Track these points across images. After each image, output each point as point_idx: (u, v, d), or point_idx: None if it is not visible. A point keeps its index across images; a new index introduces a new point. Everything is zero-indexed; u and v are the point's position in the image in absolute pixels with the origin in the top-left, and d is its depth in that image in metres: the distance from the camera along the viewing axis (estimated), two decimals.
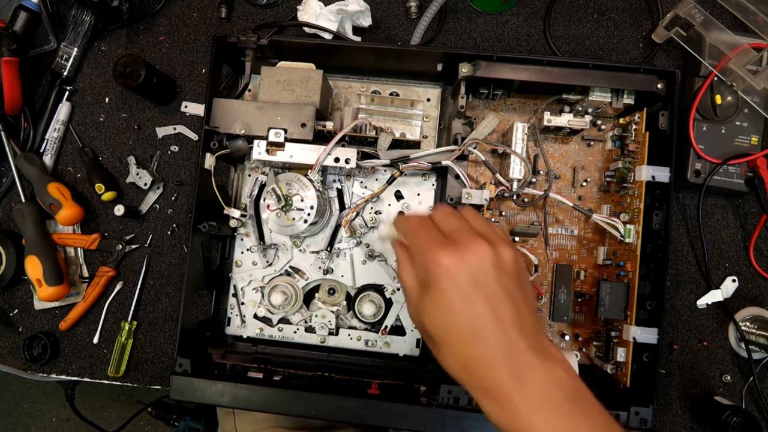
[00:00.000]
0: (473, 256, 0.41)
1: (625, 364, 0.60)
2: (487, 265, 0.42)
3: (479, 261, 0.41)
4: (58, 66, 0.74)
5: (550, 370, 0.40)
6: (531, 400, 0.39)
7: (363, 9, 0.71)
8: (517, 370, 0.40)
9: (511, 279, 0.42)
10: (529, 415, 0.39)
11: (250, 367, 0.65)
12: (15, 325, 0.74)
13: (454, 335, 0.41)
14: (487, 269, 0.41)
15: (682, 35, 0.68)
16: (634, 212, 0.62)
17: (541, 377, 0.40)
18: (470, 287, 0.41)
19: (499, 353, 0.40)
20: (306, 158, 0.60)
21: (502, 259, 0.42)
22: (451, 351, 0.42)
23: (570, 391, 0.40)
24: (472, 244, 0.42)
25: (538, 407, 0.39)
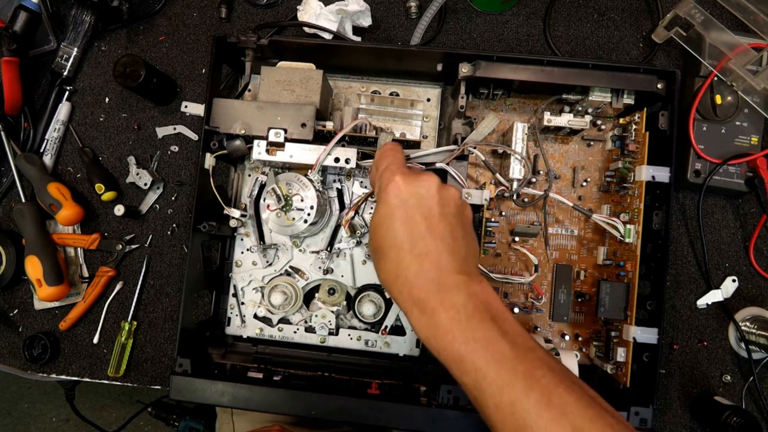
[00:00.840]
0: (423, 184, 0.47)
1: (625, 364, 0.60)
2: (433, 192, 0.46)
3: (427, 188, 0.46)
4: (58, 66, 0.74)
5: (472, 289, 0.44)
6: (452, 309, 0.43)
7: (363, 9, 0.71)
8: (443, 281, 0.44)
9: (451, 211, 0.47)
10: (449, 323, 0.42)
11: (250, 367, 0.65)
12: (15, 325, 0.74)
13: (392, 242, 0.45)
14: (432, 194, 0.46)
15: (682, 35, 0.68)
16: (634, 212, 0.62)
17: (465, 293, 0.43)
18: (414, 204, 0.46)
19: (428, 265, 0.44)
20: (306, 158, 0.60)
21: (448, 194, 0.48)
22: (387, 260, 0.46)
23: (491, 309, 0.43)
24: (424, 174, 0.48)
25: (458, 318, 0.42)
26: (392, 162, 0.49)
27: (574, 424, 0.38)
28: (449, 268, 0.44)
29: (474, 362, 0.41)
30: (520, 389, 0.40)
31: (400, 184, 0.46)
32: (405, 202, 0.46)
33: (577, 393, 0.40)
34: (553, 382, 0.40)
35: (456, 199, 0.48)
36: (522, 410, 0.39)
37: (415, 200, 0.46)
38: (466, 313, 0.43)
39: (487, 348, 0.42)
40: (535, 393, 0.40)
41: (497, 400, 0.40)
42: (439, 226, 0.46)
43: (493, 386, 0.41)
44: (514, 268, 0.68)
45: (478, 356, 0.41)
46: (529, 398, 0.39)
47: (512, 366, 0.41)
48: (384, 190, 0.47)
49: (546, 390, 0.40)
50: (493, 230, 0.68)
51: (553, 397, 0.39)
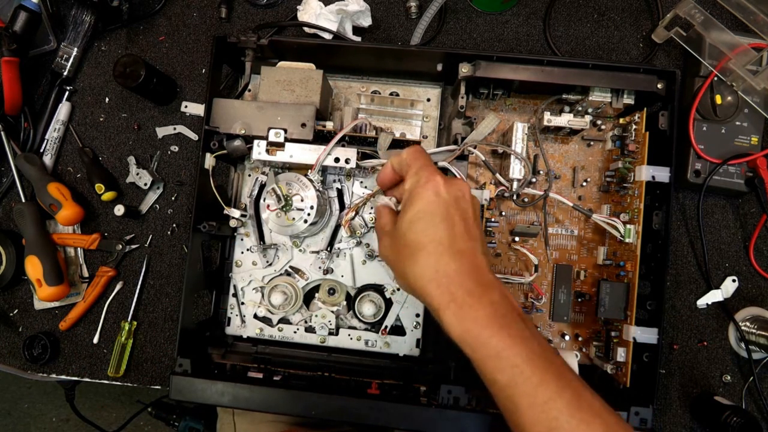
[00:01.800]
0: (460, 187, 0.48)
1: (625, 364, 0.60)
2: (468, 196, 0.49)
3: (462, 189, 0.48)
4: (58, 66, 0.74)
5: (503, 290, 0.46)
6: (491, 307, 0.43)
7: (363, 9, 0.71)
8: (481, 279, 0.45)
9: (478, 217, 0.50)
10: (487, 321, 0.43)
11: (250, 367, 0.65)
12: (15, 325, 0.74)
13: (432, 237, 0.46)
14: (468, 199, 0.48)
15: (682, 35, 0.68)
16: (634, 212, 0.62)
17: (499, 291, 0.45)
18: (453, 203, 0.47)
19: (467, 263, 0.45)
20: (306, 158, 0.60)
21: (476, 201, 0.50)
22: (426, 253, 0.46)
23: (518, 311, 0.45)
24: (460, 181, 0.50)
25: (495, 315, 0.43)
26: (428, 163, 0.50)
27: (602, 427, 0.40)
28: (484, 267, 0.46)
29: (511, 359, 0.42)
30: (554, 389, 0.41)
31: (441, 183, 0.47)
32: (445, 201, 0.47)
33: (599, 399, 0.42)
34: (581, 385, 0.42)
35: (478, 206, 0.51)
36: (555, 410, 0.40)
37: (454, 200, 0.47)
38: (502, 311, 0.44)
39: (523, 345, 0.42)
40: (567, 393, 0.41)
41: (532, 398, 0.41)
42: (474, 228, 0.48)
43: (528, 383, 0.41)
44: (514, 268, 0.68)
45: (515, 352, 0.42)
46: (562, 398, 0.40)
47: (545, 365, 0.42)
48: (424, 187, 0.47)
49: (577, 391, 0.41)
50: (493, 230, 0.68)
51: (582, 399, 0.41)
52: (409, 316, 0.67)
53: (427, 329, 0.67)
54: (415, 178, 0.49)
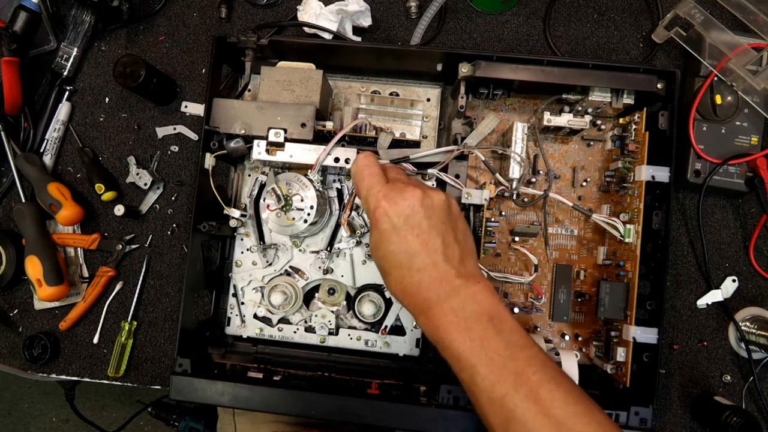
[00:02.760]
0: (407, 202, 0.49)
1: (625, 364, 0.60)
2: (417, 206, 0.48)
3: (410, 203, 0.48)
4: (58, 66, 0.74)
5: (470, 291, 0.47)
6: (450, 313, 0.46)
7: (363, 9, 0.71)
8: (442, 290, 0.47)
9: (439, 218, 0.49)
10: (448, 325, 0.46)
11: (250, 367, 0.65)
12: (15, 325, 0.74)
13: (392, 264, 0.49)
14: (418, 210, 0.48)
15: (682, 35, 0.68)
16: (633, 212, 0.62)
17: (462, 297, 0.47)
18: (403, 224, 0.48)
19: (427, 277, 0.47)
20: (306, 158, 0.60)
21: (431, 201, 0.49)
22: (392, 277, 0.49)
23: (489, 310, 0.47)
24: (405, 189, 0.49)
25: (456, 321, 0.46)
26: (371, 183, 0.51)
27: (558, 417, 0.42)
28: (447, 275, 0.48)
29: (469, 360, 0.45)
30: (511, 385, 0.44)
31: (386, 208, 0.49)
32: (395, 225, 0.48)
33: (565, 389, 0.44)
34: (543, 378, 0.44)
35: (440, 204, 0.50)
36: (511, 404, 0.43)
37: (403, 220, 0.48)
38: (464, 315, 0.46)
39: (482, 347, 0.45)
40: (524, 388, 0.43)
41: (489, 393, 0.44)
42: (431, 239, 0.48)
43: (485, 382, 0.44)
44: (514, 268, 0.68)
45: (473, 354, 0.45)
46: (518, 393, 0.43)
47: (504, 364, 0.44)
48: (373, 216, 0.50)
49: (535, 386, 0.43)
50: (493, 230, 0.68)
51: (541, 392, 0.43)
52: (408, 316, 0.67)
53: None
54: (366, 205, 0.51)
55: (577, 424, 0.42)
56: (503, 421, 0.44)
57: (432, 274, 0.47)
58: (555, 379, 0.44)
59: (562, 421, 0.42)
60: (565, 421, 0.42)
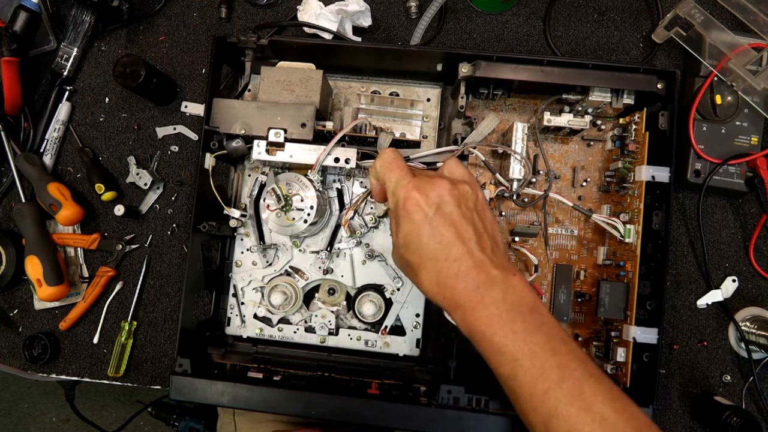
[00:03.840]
0: (435, 190, 0.48)
1: (625, 364, 0.60)
2: (447, 196, 0.48)
3: (440, 193, 0.48)
4: (58, 66, 0.74)
5: (510, 283, 0.46)
6: (492, 304, 0.45)
7: (363, 9, 0.71)
8: (481, 279, 0.46)
9: (469, 208, 0.49)
10: (489, 318, 0.45)
11: (250, 367, 0.65)
12: (15, 325, 0.74)
13: (426, 256, 0.47)
14: (448, 200, 0.48)
15: (682, 35, 0.68)
16: (634, 212, 0.62)
17: (502, 288, 0.45)
18: (435, 214, 0.47)
19: (464, 267, 0.46)
20: (306, 158, 0.60)
21: (460, 192, 0.49)
22: (426, 271, 0.47)
23: (528, 302, 0.46)
24: (434, 180, 0.49)
25: (497, 313, 0.45)
26: (401, 175, 0.50)
27: (602, 413, 0.41)
28: (484, 265, 0.46)
29: (512, 353, 0.44)
30: (554, 379, 0.42)
31: (418, 198, 0.47)
32: (427, 215, 0.47)
33: (606, 386, 0.43)
34: (584, 374, 0.43)
35: (468, 194, 0.49)
36: (554, 399, 0.42)
37: (436, 210, 0.47)
38: (505, 308, 0.45)
39: (525, 340, 0.44)
40: (567, 383, 0.42)
41: (531, 389, 0.43)
42: (464, 228, 0.47)
43: (528, 376, 0.43)
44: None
45: (516, 348, 0.44)
46: (561, 388, 0.42)
47: (547, 357, 0.43)
48: (404, 207, 0.48)
49: (578, 381, 0.42)
50: None
51: (584, 387, 0.42)
52: (408, 316, 0.67)
53: (427, 329, 0.67)
54: (393, 199, 0.50)
55: (619, 421, 0.41)
56: (545, 418, 0.42)
57: (468, 264, 0.46)
58: (595, 375, 0.43)
59: (605, 417, 0.41)
60: (609, 417, 0.41)
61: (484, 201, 0.52)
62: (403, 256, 0.49)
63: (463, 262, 0.46)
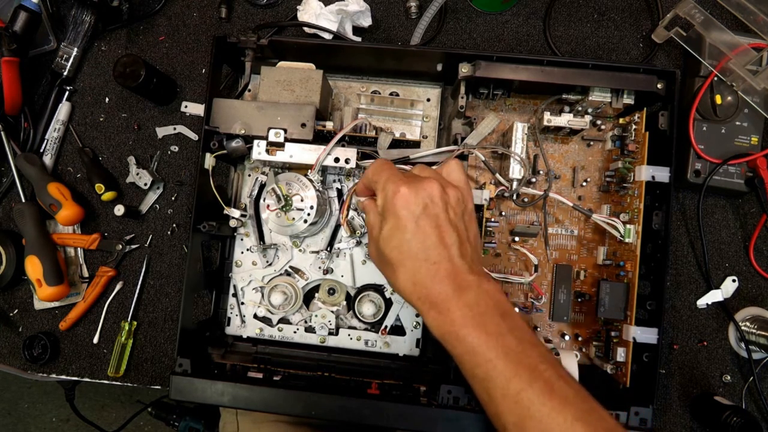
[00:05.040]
0: (425, 190, 0.48)
1: (625, 364, 0.60)
2: (436, 198, 0.48)
3: (429, 194, 0.48)
4: (58, 66, 0.74)
5: (484, 288, 0.47)
6: (466, 309, 0.46)
7: (363, 9, 0.71)
8: (457, 283, 0.47)
9: (456, 214, 0.49)
10: (462, 319, 0.46)
11: (250, 367, 0.65)
12: (15, 325, 0.74)
13: (407, 254, 0.48)
14: (436, 201, 0.48)
15: (682, 35, 0.68)
16: (634, 212, 0.62)
17: (476, 292, 0.47)
18: (421, 213, 0.48)
19: (443, 269, 0.47)
20: (306, 158, 0.60)
21: (450, 197, 0.49)
22: (404, 269, 0.48)
23: (501, 307, 0.47)
24: (425, 181, 0.49)
25: (471, 315, 0.46)
26: (392, 173, 0.50)
27: (573, 414, 0.42)
28: (462, 271, 0.47)
29: (485, 354, 0.45)
30: (526, 380, 0.43)
31: (407, 194, 0.48)
32: (413, 213, 0.48)
33: (575, 387, 0.45)
34: (554, 375, 0.44)
35: (457, 202, 0.50)
36: (527, 399, 0.43)
37: (422, 209, 0.48)
38: (479, 310, 0.46)
39: (497, 341, 0.45)
40: (539, 383, 0.43)
41: (505, 389, 0.44)
42: (448, 232, 0.48)
43: (501, 376, 0.44)
44: (514, 268, 0.68)
45: (489, 348, 0.45)
46: (533, 388, 0.43)
47: (519, 359, 0.44)
48: (391, 202, 0.48)
49: (549, 382, 0.44)
50: (493, 230, 0.68)
51: (555, 388, 0.43)
52: (408, 316, 0.67)
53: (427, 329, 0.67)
54: (383, 194, 0.50)
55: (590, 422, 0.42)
56: (519, 419, 0.43)
57: (447, 267, 0.47)
58: (564, 377, 0.45)
59: (578, 418, 0.42)
60: (581, 418, 0.42)
61: (472, 212, 0.52)
62: (383, 252, 0.50)
63: (442, 265, 0.47)
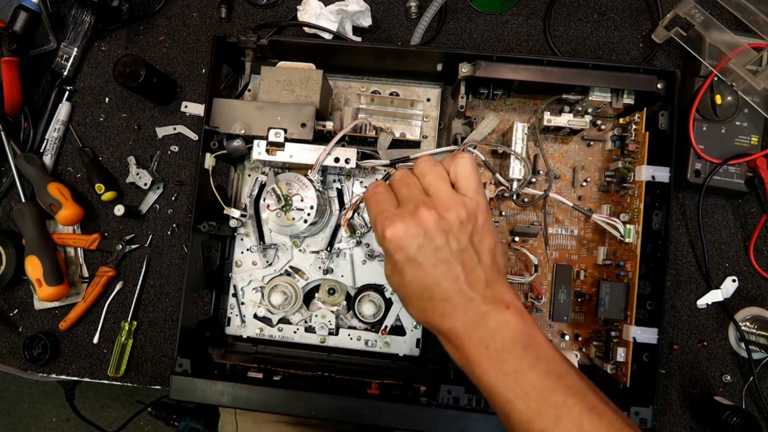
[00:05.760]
0: (418, 226, 0.44)
1: (625, 364, 0.60)
2: (432, 231, 0.44)
3: (424, 229, 0.44)
4: (58, 66, 0.74)
5: (502, 319, 0.43)
6: (480, 344, 0.43)
7: (363, 9, 0.71)
8: (468, 318, 0.44)
9: (459, 242, 0.45)
10: (478, 358, 0.43)
11: (250, 367, 0.65)
12: (15, 325, 0.74)
13: (411, 294, 0.46)
14: (432, 235, 0.44)
15: (682, 35, 0.68)
16: (634, 212, 0.62)
17: (493, 325, 0.43)
18: (418, 254, 0.44)
19: (451, 306, 0.44)
20: (306, 158, 0.60)
21: (447, 222, 0.44)
22: (412, 307, 0.47)
23: (521, 339, 0.43)
24: (418, 211, 0.44)
25: (486, 354, 0.43)
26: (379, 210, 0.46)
27: None
28: (473, 302, 0.44)
29: (503, 394, 0.42)
30: (551, 419, 0.40)
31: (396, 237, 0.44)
32: (407, 255, 0.44)
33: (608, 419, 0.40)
34: (584, 410, 0.40)
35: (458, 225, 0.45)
36: None
37: (417, 248, 0.44)
38: (495, 347, 0.43)
39: (516, 380, 0.42)
40: (565, 423, 0.40)
41: (527, 428, 0.41)
42: (451, 267, 0.44)
43: (522, 416, 0.41)
44: (514, 268, 0.68)
45: (507, 389, 0.42)
46: (559, 427, 0.40)
47: (543, 396, 0.41)
48: (383, 245, 0.46)
49: (578, 419, 0.40)
50: None
51: (584, 424, 0.40)
52: (408, 316, 0.67)
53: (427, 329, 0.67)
54: (376, 230, 0.46)
55: None
56: None
57: (456, 303, 0.44)
58: (596, 408, 0.41)
59: None
60: None
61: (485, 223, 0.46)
62: (391, 284, 0.48)
63: (449, 302, 0.44)
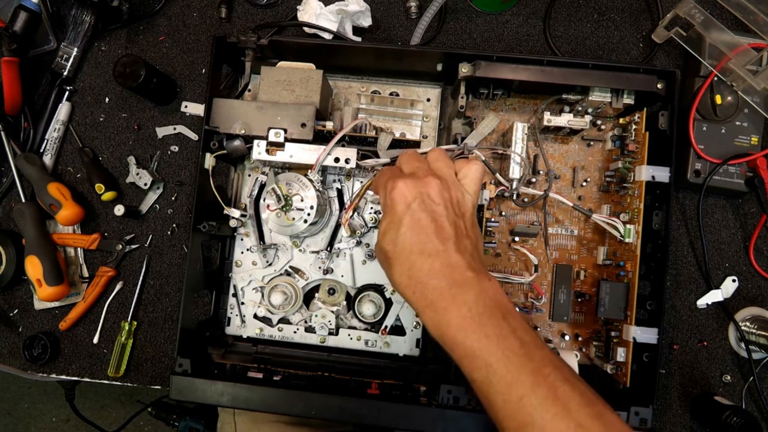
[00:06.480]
0: (424, 186, 0.48)
1: (625, 364, 0.60)
2: (435, 194, 0.47)
3: (428, 189, 0.47)
4: (58, 66, 0.74)
5: (483, 286, 0.45)
6: (464, 306, 0.44)
7: (363, 9, 0.71)
8: (453, 279, 0.45)
9: (454, 210, 0.48)
10: (461, 320, 0.44)
11: (250, 367, 0.65)
12: (15, 325, 0.74)
13: (402, 246, 0.47)
14: (435, 197, 0.47)
15: (682, 35, 0.68)
16: (634, 212, 0.62)
17: (475, 291, 0.45)
18: (418, 207, 0.47)
19: (438, 264, 0.45)
20: (306, 158, 0.60)
21: (448, 194, 0.48)
22: (400, 264, 0.47)
23: (501, 307, 0.45)
24: (425, 177, 0.48)
25: (470, 316, 0.44)
26: (393, 174, 0.50)
27: (577, 420, 0.40)
28: (459, 266, 0.46)
29: (485, 358, 0.43)
30: (528, 385, 0.41)
31: (403, 188, 0.47)
32: (410, 206, 0.47)
33: (580, 390, 0.42)
34: (559, 379, 0.42)
35: (457, 200, 0.49)
36: (529, 405, 0.41)
37: (419, 203, 0.47)
38: (478, 311, 0.44)
39: (498, 344, 0.43)
40: (542, 389, 0.41)
41: (506, 395, 0.42)
42: (445, 227, 0.47)
43: (502, 382, 0.42)
44: (514, 268, 0.68)
45: (489, 352, 0.43)
46: (536, 394, 0.41)
47: (521, 363, 0.42)
48: (389, 196, 0.48)
49: (552, 387, 0.41)
50: (493, 230, 0.68)
51: (558, 393, 0.41)
52: (408, 316, 0.67)
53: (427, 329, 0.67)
54: (383, 192, 0.50)
55: (595, 426, 0.40)
56: (520, 425, 0.41)
57: (444, 261, 0.45)
58: (569, 380, 0.42)
59: (581, 423, 0.40)
60: (584, 423, 0.40)
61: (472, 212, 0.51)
62: (381, 246, 0.49)
63: (437, 259, 0.46)
